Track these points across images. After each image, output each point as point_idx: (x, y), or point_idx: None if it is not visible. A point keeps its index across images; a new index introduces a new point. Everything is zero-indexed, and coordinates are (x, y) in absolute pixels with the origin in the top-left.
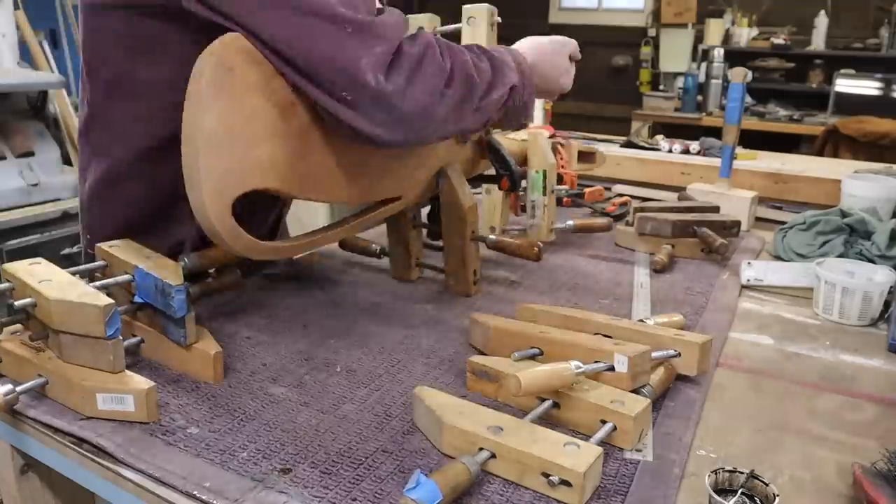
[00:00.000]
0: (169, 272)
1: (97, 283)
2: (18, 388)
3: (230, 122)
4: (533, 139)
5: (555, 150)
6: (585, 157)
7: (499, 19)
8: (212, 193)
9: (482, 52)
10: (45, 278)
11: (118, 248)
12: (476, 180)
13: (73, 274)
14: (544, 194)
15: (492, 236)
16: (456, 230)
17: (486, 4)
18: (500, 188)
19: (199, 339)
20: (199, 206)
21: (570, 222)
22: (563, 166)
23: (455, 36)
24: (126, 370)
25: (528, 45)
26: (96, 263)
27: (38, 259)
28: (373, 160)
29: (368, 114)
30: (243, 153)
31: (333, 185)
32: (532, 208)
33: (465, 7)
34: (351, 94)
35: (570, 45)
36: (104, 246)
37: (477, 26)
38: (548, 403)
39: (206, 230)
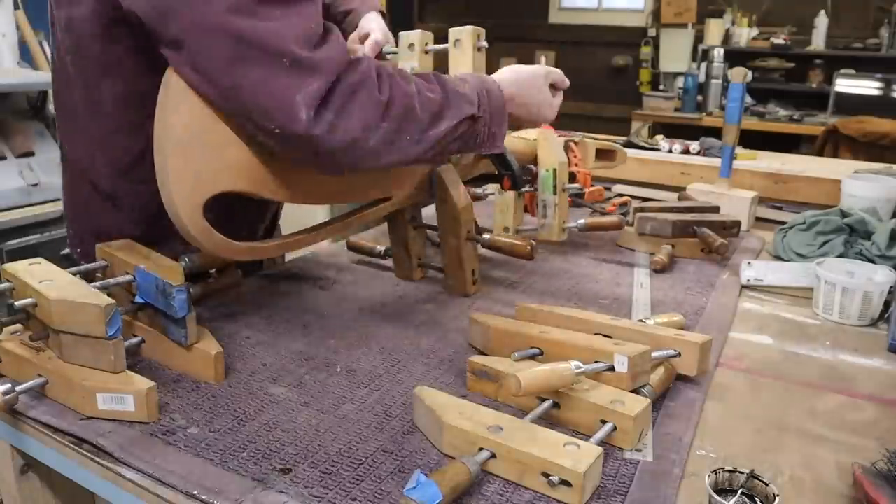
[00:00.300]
0: (170, 272)
1: (97, 284)
2: (18, 388)
3: (198, 125)
4: (542, 137)
5: (567, 149)
6: (604, 154)
7: (485, 43)
8: (182, 195)
9: (437, 82)
10: (46, 278)
11: (119, 249)
12: (478, 180)
13: (74, 274)
14: (555, 193)
15: (486, 235)
16: (450, 230)
17: (472, 27)
18: (501, 188)
19: (200, 339)
20: (171, 207)
21: (581, 221)
22: (576, 164)
23: (444, 53)
24: (126, 370)
25: (507, 75)
26: (97, 264)
27: (38, 259)
28: None
29: (295, 146)
30: (212, 155)
31: (308, 186)
32: (543, 207)
33: (452, 30)
34: (281, 128)
35: (553, 74)
36: (105, 246)
37: (462, 48)
38: (548, 403)
39: (181, 231)
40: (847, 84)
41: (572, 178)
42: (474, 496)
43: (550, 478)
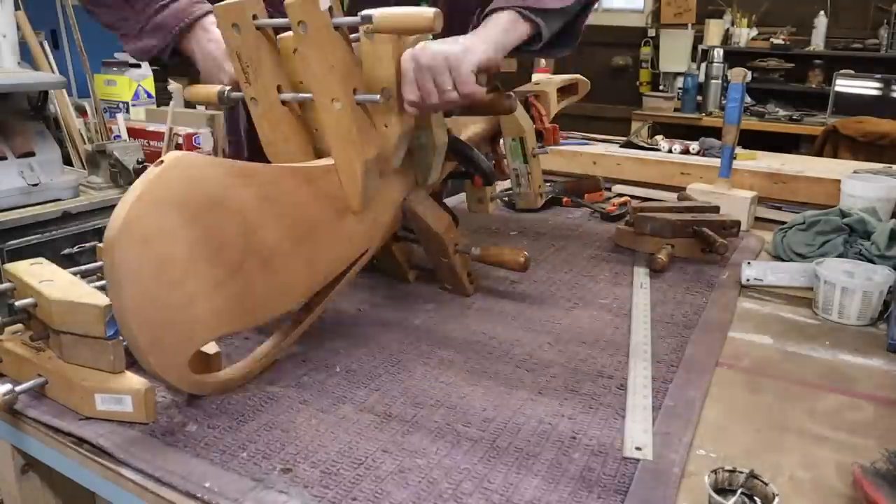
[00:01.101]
0: None
1: (97, 284)
2: (17, 388)
3: (154, 292)
4: None
5: (527, 106)
6: (566, 90)
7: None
8: (165, 366)
9: None
10: (47, 278)
11: None
12: (449, 178)
13: (75, 274)
14: (525, 161)
15: (475, 250)
16: (438, 251)
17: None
18: (473, 185)
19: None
20: (155, 375)
21: (559, 183)
22: (540, 121)
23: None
24: (126, 370)
25: None
26: (97, 264)
27: (40, 259)
28: (325, 238)
29: None
30: (182, 323)
31: (292, 293)
32: (516, 177)
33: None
34: None
35: None
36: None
37: None
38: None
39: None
40: (846, 84)
41: (539, 136)
42: (475, 495)
43: None
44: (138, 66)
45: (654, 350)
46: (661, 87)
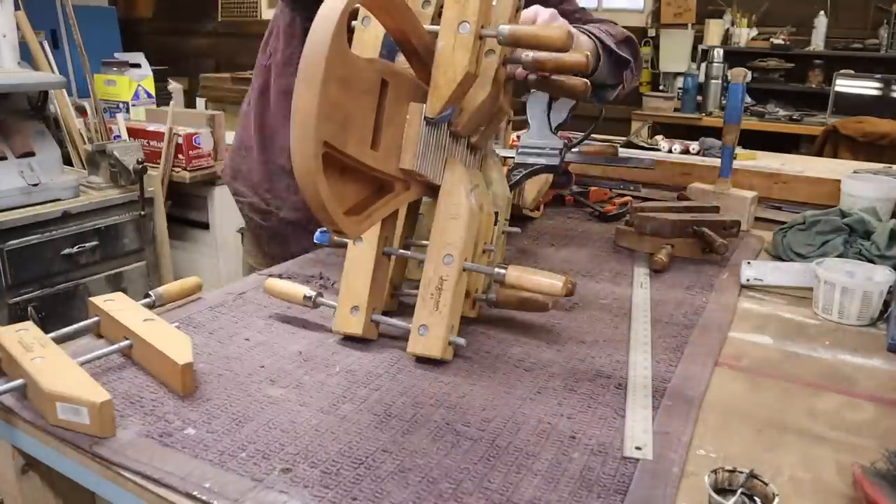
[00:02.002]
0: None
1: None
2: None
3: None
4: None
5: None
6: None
7: None
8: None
9: None
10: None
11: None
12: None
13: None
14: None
15: (492, 295)
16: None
17: None
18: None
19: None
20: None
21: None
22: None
23: None
24: (92, 378)
25: None
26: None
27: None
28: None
29: None
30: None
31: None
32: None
33: None
34: None
35: None
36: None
37: None
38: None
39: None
40: (846, 84)
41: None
42: (475, 494)
43: None
44: (138, 66)
45: (653, 350)
46: (661, 87)
